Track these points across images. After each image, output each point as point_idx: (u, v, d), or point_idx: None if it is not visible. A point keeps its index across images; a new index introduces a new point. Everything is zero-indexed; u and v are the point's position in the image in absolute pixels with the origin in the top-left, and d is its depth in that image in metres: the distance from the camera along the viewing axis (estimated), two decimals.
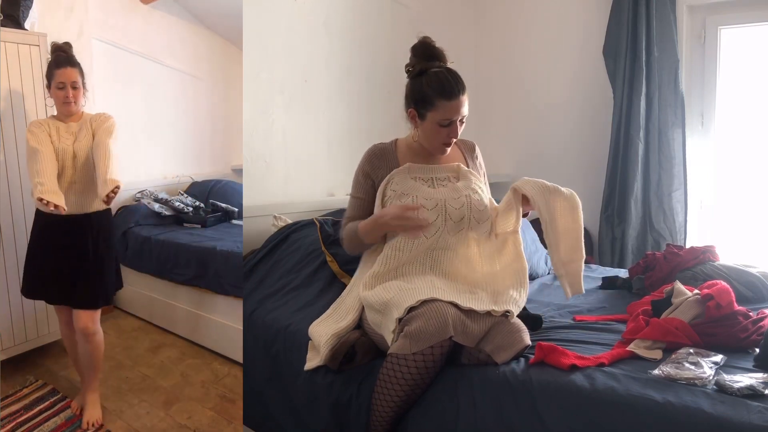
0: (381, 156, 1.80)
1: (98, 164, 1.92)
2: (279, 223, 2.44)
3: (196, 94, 3.92)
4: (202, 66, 3.93)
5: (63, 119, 2.08)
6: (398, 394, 1.45)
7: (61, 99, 2.03)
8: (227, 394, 2.32)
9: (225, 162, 4.19)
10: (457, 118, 1.67)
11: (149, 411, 2.17)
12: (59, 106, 2.05)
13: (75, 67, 2.05)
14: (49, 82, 2.04)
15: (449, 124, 1.67)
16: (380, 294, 1.60)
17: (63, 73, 2.01)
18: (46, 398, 2.21)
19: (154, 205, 3.21)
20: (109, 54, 2.13)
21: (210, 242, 2.76)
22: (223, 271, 2.55)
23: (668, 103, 3.10)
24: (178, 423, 2.11)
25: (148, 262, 2.89)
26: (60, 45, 2.08)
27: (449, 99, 1.64)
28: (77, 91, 2.05)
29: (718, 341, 1.52)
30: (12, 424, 2.02)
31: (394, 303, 1.52)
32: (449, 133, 1.69)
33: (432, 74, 1.69)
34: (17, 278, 2.38)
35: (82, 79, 2.07)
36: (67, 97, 2.02)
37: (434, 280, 1.62)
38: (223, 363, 2.58)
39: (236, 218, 3.45)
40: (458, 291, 1.59)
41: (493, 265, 1.72)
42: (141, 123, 3.26)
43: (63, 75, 2.01)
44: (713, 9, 3.12)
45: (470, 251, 1.72)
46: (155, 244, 2.88)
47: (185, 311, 2.80)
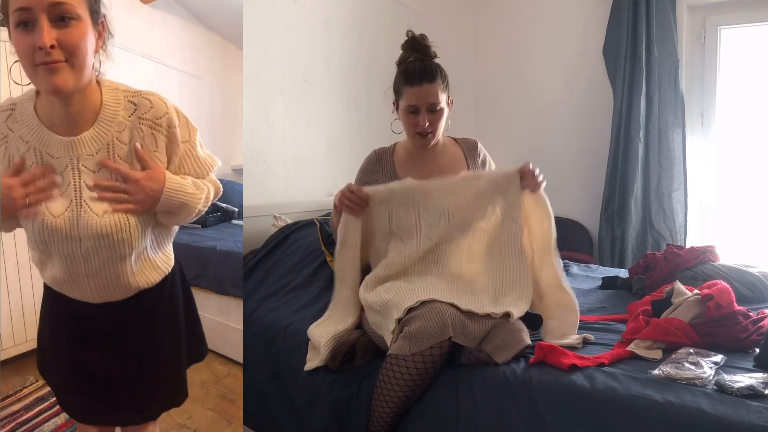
0: (378, 161, 1.84)
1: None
2: (279, 223, 2.44)
3: (196, 94, 3.91)
4: (202, 66, 3.92)
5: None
6: (398, 394, 1.46)
7: (37, 54, 0.99)
8: (227, 394, 2.32)
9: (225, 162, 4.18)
10: (421, 104, 1.69)
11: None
12: (31, 77, 1.06)
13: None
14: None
15: (415, 110, 1.70)
16: (380, 295, 1.60)
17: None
18: (46, 398, 2.21)
19: None
20: (109, 53, 2.13)
21: (210, 242, 2.76)
22: (223, 271, 2.55)
23: (668, 103, 3.10)
24: (178, 423, 2.11)
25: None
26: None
27: (411, 85, 1.69)
28: (72, 29, 1.00)
29: (718, 341, 1.52)
30: (12, 424, 2.02)
31: (394, 303, 1.52)
32: (418, 121, 1.70)
33: (404, 64, 1.74)
34: (17, 278, 2.38)
35: (89, 4, 1.05)
36: (30, 50, 0.98)
37: (434, 281, 1.62)
38: (223, 363, 2.58)
39: (236, 218, 3.45)
40: (458, 292, 1.59)
41: (497, 264, 1.70)
42: None
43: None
44: (713, 9, 3.12)
45: (473, 249, 1.71)
46: None
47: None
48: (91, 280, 1.16)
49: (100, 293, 1.19)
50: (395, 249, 1.71)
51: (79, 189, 1.08)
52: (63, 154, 1.08)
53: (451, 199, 1.70)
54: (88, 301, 1.20)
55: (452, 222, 1.70)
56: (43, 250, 1.13)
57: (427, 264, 1.69)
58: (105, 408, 1.28)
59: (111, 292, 1.20)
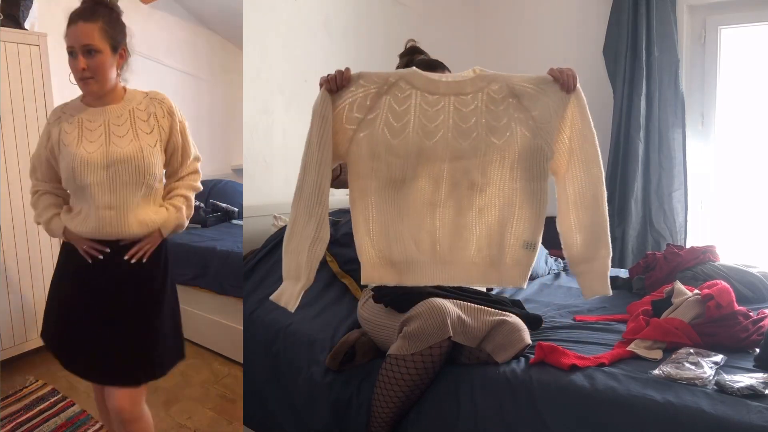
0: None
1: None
2: (279, 223, 2.44)
3: (196, 94, 3.91)
4: (202, 66, 3.92)
5: (93, 104, 1.51)
6: (398, 394, 1.46)
7: (75, 72, 1.44)
8: (227, 394, 2.32)
9: (225, 162, 4.18)
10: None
11: (149, 411, 2.17)
12: (77, 82, 1.47)
13: (92, 22, 1.41)
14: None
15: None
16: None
17: (73, 33, 1.41)
18: (46, 398, 2.21)
19: None
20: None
21: (210, 242, 2.76)
22: (223, 271, 2.55)
23: (668, 103, 3.10)
24: (178, 423, 2.11)
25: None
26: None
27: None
28: (97, 61, 1.42)
29: (718, 341, 1.52)
30: (12, 424, 2.02)
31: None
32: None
33: (411, 57, 1.76)
34: (17, 278, 2.38)
35: (112, 40, 1.45)
36: (79, 69, 1.42)
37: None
38: (223, 363, 2.58)
39: (236, 218, 3.45)
40: (455, 250, 1.42)
41: (512, 190, 1.41)
42: None
43: (72, 35, 1.41)
44: (713, 9, 3.12)
45: (483, 177, 1.41)
46: None
47: (185, 311, 2.78)
48: (108, 211, 1.47)
49: (112, 225, 1.48)
50: (382, 191, 1.40)
51: (108, 136, 1.49)
52: (97, 118, 1.50)
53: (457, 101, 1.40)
54: (102, 237, 1.49)
55: (457, 133, 1.39)
56: (79, 182, 1.46)
57: (423, 204, 1.41)
58: (90, 363, 1.53)
59: (121, 225, 1.48)
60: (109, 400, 1.51)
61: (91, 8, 1.45)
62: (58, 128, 1.52)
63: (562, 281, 2.52)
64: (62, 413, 2.11)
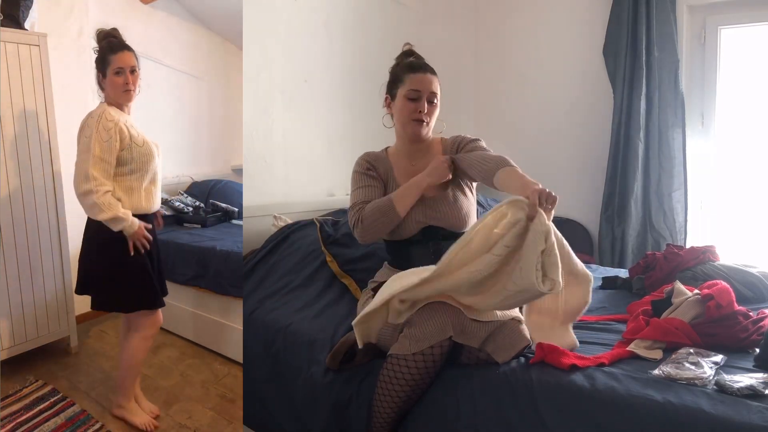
0: (375, 161, 1.84)
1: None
2: (279, 223, 2.44)
3: (196, 94, 3.92)
4: (202, 66, 3.93)
5: (122, 108, 1.99)
6: (399, 394, 1.46)
7: (121, 86, 1.93)
8: (227, 394, 2.32)
9: (225, 162, 4.19)
10: (424, 91, 1.72)
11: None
12: (118, 93, 1.95)
13: (131, 52, 1.97)
14: (104, 69, 1.94)
15: (417, 97, 1.72)
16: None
17: (121, 58, 1.92)
18: (46, 398, 2.21)
19: None
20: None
21: (210, 242, 2.77)
22: (223, 271, 2.55)
23: (668, 103, 3.10)
24: (178, 423, 2.11)
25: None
26: (109, 31, 1.99)
27: (416, 72, 1.74)
28: (135, 77, 1.97)
29: (718, 341, 1.52)
30: (12, 424, 2.02)
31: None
32: (417, 107, 1.73)
33: (407, 57, 1.84)
34: (17, 278, 2.38)
35: (137, 64, 1.99)
36: (127, 84, 1.93)
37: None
38: (223, 363, 2.59)
39: (236, 218, 3.45)
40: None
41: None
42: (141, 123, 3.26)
43: (121, 60, 1.92)
44: (713, 9, 3.12)
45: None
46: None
47: (185, 311, 2.80)
48: (155, 189, 2.04)
49: (155, 201, 2.06)
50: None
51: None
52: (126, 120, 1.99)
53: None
54: (149, 211, 2.02)
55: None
56: (145, 169, 1.97)
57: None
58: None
59: (156, 200, 2.06)
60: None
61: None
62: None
63: None
64: (62, 413, 2.11)
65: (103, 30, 2.00)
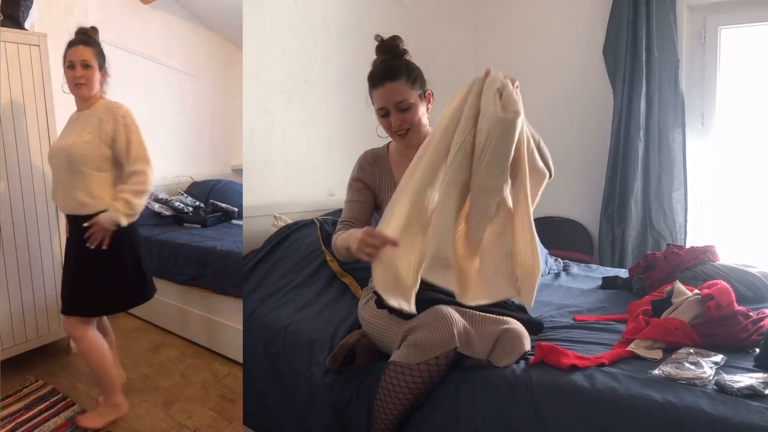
0: (373, 162, 1.78)
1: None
2: (279, 223, 2.44)
3: (196, 94, 3.92)
4: (202, 66, 3.93)
5: (77, 104, 1.99)
6: (402, 402, 1.45)
7: (70, 79, 1.92)
8: (227, 394, 2.32)
9: (225, 162, 4.19)
10: (388, 105, 1.60)
11: (149, 411, 2.16)
12: (70, 87, 1.95)
13: (89, 47, 1.93)
14: (63, 63, 1.95)
15: (385, 113, 1.62)
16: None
17: (73, 52, 1.91)
18: (46, 398, 2.21)
19: (154, 205, 3.21)
20: (108, 54, 2.13)
21: (210, 242, 2.76)
22: (223, 271, 2.55)
23: (668, 103, 3.10)
24: (178, 423, 2.11)
25: (148, 262, 2.88)
26: (83, 28, 1.99)
27: (375, 87, 1.62)
28: (89, 71, 1.91)
29: (718, 341, 1.52)
30: (12, 424, 2.02)
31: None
32: (391, 123, 1.63)
33: (371, 69, 1.67)
34: (17, 278, 2.38)
35: (99, 62, 1.95)
36: (75, 77, 1.90)
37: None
38: (223, 363, 2.58)
39: (236, 218, 3.45)
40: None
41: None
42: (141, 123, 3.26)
43: (73, 53, 1.90)
44: (713, 9, 3.12)
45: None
46: (155, 244, 2.88)
47: (185, 311, 2.80)
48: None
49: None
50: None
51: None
52: (75, 120, 1.99)
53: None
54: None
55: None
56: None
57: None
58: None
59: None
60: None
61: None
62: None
63: (562, 281, 2.53)
64: (62, 413, 2.11)
65: (81, 27, 1.99)
